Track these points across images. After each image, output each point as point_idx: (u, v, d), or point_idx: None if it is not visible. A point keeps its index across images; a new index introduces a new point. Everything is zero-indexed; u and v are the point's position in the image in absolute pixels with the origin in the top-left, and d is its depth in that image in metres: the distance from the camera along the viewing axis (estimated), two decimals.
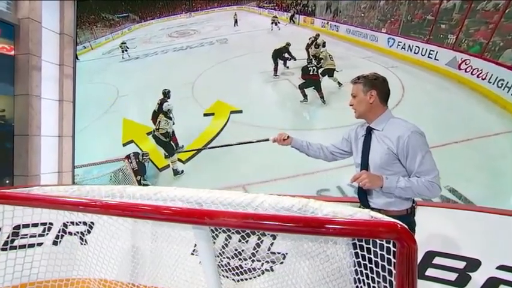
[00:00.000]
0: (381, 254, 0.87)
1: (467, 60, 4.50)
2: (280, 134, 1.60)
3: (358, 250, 0.96)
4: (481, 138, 3.54)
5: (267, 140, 1.65)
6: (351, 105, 1.34)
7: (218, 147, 2.17)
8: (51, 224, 1.88)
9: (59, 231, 1.99)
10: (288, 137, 1.58)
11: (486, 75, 4.29)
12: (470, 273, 1.66)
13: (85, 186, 1.44)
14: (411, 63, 5.24)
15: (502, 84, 4.09)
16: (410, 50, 5.37)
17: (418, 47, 5.28)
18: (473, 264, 1.66)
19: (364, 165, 1.27)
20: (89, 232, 1.86)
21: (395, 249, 0.77)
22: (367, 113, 1.29)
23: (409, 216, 1.24)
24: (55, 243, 2.10)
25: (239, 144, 1.90)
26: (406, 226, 0.74)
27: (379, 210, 1.22)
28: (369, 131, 1.30)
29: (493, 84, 4.20)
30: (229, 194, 1.16)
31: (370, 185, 1.16)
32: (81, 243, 1.99)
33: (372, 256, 0.92)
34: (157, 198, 1.28)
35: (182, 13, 5.21)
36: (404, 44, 5.46)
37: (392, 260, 0.82)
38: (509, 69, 4.04)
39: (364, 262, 0.94)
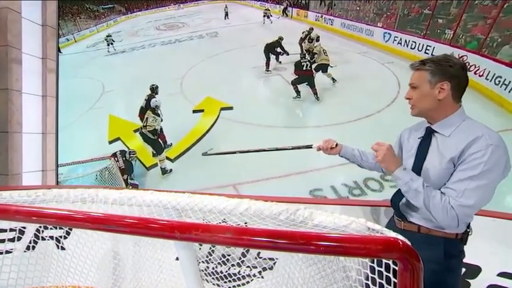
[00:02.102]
0: (378, 270, 0.72)
1: (465, 57, 4.41)
2: (327, 141, 1.26)
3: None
4: None
5: (310, 147, 1.33)
6: (407, 98, 0.98)
7: (252, 151, 1.82)
8: (23, 228, 1.74)
9: (32, 237, 1.85)
10: (337, 144, 1.26)
11: (483, 72, 4.21)
12: (469, 280, 1.57)
13: (52, 190, 1.30)
14: (407, 59, 5.10)
15: (500, 81, 4.01)
16: (407, 45, 5.26)
17: (415, 42, 5.17)
18: (473, 270, 1.56)
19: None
20: (66, 237, 1.72)
21: (395, 267, 0.63)
22: (431, 111, 0.95)
23: (459, 243, 0.95)
24: (28, 249, 1.95)
25: (276, 150, 1.59)
26: (408, 242, 0.58)
27: (418, 227, 0.97)
28: (429, 133, 0.98)
29: (490, 81, 4.12)
30: (211, 199, 1.05)
31: (380, 160, 0.93)
32: (58, 249, 1.84)
33: (368, 272, 0.77)
34: (132, 203, 1.16)
35: (170, 5, 5.04)
36: (401, 39, 5.35)
37: (393, 279, 0.68)
38: (508, 66, 3.96)
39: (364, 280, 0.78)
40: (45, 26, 4.29)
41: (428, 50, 4.89)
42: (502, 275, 1.45)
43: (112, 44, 4.69)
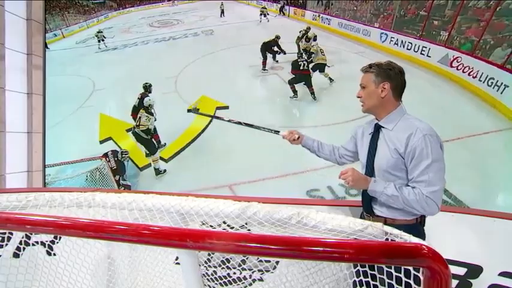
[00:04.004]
0: (397, 276, 0.67)
1: (459, 58, 4.48)
2: (290, 132, 1.38)
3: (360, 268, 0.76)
4: (472, 137, 3.50)
5: (277, 132, 1.43)
6: (358, 97, 1.16)
7: (230, 121, 1.96)
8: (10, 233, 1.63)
9: (20, 242, 1.73)
10: (299, 137, 1.38)
11: (477, 74, 4.28)
12: (471, 280, 1.55)
13: (44, 194, 1.20)
14: (404, 60, 5.13)
15: (492, 82, 4.09)
16: (403, 46, 5.32)
17: (411, 43, 5.23)
18: (475, 270, 1.54)
19: (370, 167, 1.13)
20: (55, 242, 1.61)
21: (416, 273, 0.59)
22: (376, 108, 1.12)
23: (418, 226, 1.10)
24: (16, 255, 1.83)
25: (248, 125, 1.68)
26: (434, 248, 0.54)
27: (384, 219, 1.10)
28: (377, 129, 1.14)
29: (484, 82, 4.20)
30: (216, 202, 0.98)
31: (352, 184, 1.06)
32: (48, 255, 1.72)
33: (384, 277, 0.72)
34: (132, 208, 1.08)
35: (164, 1, 4.91)
36: (397, 40, 5.41)
37: (413, 285, 0.63)
38: (499, 67, 4.04)
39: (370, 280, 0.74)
40: (30, 20, 4.09)
41: (424, 51, 4.95)
42: (503, 274, 1.43)
43: (103, 40, 4.53)
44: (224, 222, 0.98)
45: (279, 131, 1.43)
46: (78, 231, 0.80)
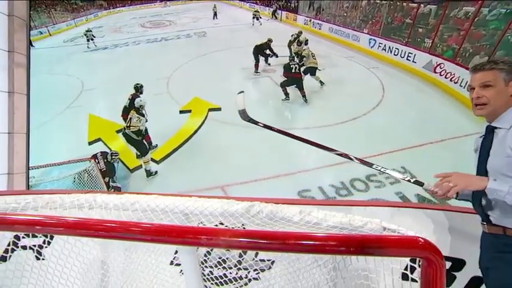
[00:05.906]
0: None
1: (442, 64, 4.72)
2: (443, 187, 1.06)
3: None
4: (454, 139, 3.67)
5: (420, 184, 1.13)
6: (478, 97, 1.01)
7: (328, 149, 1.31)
8: None
9: (8, 245, 1.67)
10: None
11: (458, 79, 4.53)
12: (455, 273, 1.65)
13: (43, 196, 1.19)
14: (391, 65, 5.35)
15: None
16: (391, 52, 5.54)
17: (398, 49, 5.46)
18: (458, 264, 1.64)
19: (482, 171, 1.01)
20: (48, 244, 1.58)
21: (412, 264, 0.63)
22: (501, 108, 0.99)
23: None
24: (3, 258, 1.77)
25: (372, 166, 1.22)
26: (429, 240, 0.58)
27: (503, 229, 0.95)
28: (490, 131, 1.03)
29: (464, 88, 4.44)
30: (220, 202, 1.00)
31: (464, 184, 0.91)
32: (38, 259, 1.68)
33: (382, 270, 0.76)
34: (136, 208, 1.08)
35: (157, 2, 4.87)
36: (385, 46, 5.63)
37: (410, 275, 0.68)
38: None
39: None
40: (12, 17, 3.95)
41: (409, 56, 5.17)
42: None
43: (92, 39, 4.42)
44: (221, 224, 1.02)
45: (423, 183, 1.12)
46: (90, 231, 0.81)
